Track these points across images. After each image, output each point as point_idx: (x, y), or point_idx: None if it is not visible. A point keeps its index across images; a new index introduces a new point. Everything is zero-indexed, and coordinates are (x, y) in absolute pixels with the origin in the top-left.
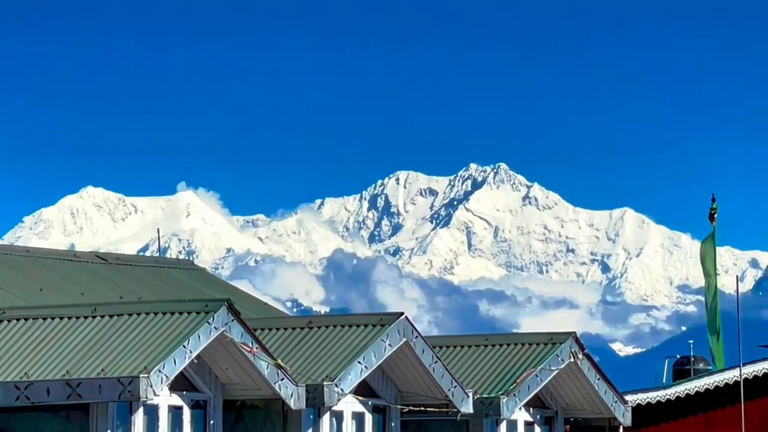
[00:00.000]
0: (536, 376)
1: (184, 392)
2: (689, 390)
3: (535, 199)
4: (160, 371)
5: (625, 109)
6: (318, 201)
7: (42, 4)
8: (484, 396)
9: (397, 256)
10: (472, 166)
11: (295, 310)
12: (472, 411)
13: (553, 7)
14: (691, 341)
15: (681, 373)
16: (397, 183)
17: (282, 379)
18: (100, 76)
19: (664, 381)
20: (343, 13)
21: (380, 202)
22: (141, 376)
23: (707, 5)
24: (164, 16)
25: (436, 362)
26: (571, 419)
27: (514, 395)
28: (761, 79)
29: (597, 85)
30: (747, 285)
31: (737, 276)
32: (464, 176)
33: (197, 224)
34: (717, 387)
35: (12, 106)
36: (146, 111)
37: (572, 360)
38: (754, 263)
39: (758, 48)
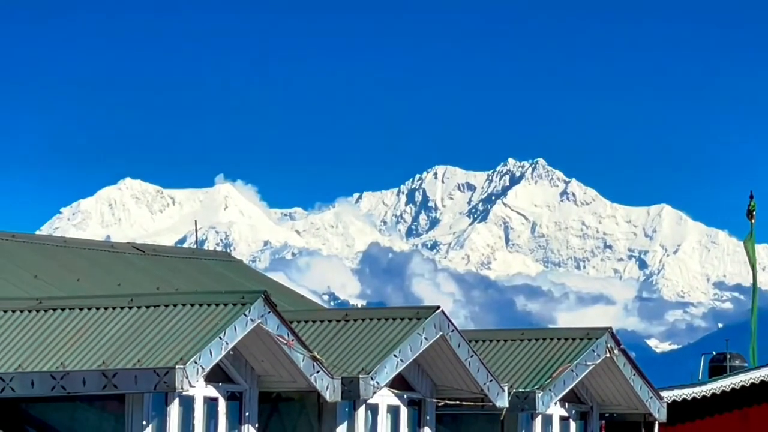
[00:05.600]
0: (572, 371)
1: (220, 384)
2: (725, 387)
3: (573, 195)
4: (196, 362)
5: (663, 105)
6: (356, 195)
7: (85, 1)
8: (520, 390)
9: (434, 251)
10: (510, 161)
11: (331, 303)
12: (507, 405)
13: (591, 3)
14: (727, 339)
15: (717, 369)
16: (435, 177)
17: (318, 372)
18: (141, 69)
19: (699, 377)
20: (379, 5)
21: (418, 197)
22: (177, 367)
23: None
24: (204, 9)
25: (471, 356)
26: (607, 414)
27: (550, 390)
28: None
29: (636, 82)
30: None
31: None
32: (502, 171)
33: (235, 217)
34: (753, 384)
35: (53, 99)
36: (186, 104)
37: (608, 355)
38: None
39: None
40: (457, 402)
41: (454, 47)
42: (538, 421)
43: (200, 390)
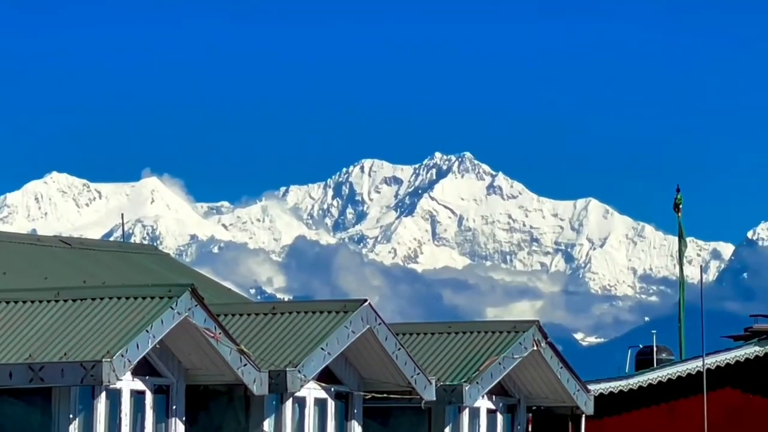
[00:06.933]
0: (499, 364)
1: (147, 377)
2: (652, 380)
3: (500, 189)
4: (123, 356)
5: (589, 98)
6: (282, 188)
7: None
8: (447, 383)
9: (361, 244)
10: (437, 154)
11: (258, 297)
12: (434, 398)
13: None
14: (654, 332)
15: (644, 363)
16: (362, 171)
17: (245, 365)
18: (66, 63)
19: (626, 371)
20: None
21: (345, 190)
22: (104, 360)
23: None
24: (130, 3)
25: (399, 349)
26: (534, 407)
27: (477, 383)
28: (725, 70)
29: (561, 76)
30: (710, 276)
31: (701, 266)
32: (429, 165)
33: (161, 210)
34: (680, 377)
35: None
36: (111, 98)
37: (535, 348)
38: (717, 254)
39: (723, 37)
40: (385, 395)
41: (381, 41)
42: (466, 414)
43: (127, 383)
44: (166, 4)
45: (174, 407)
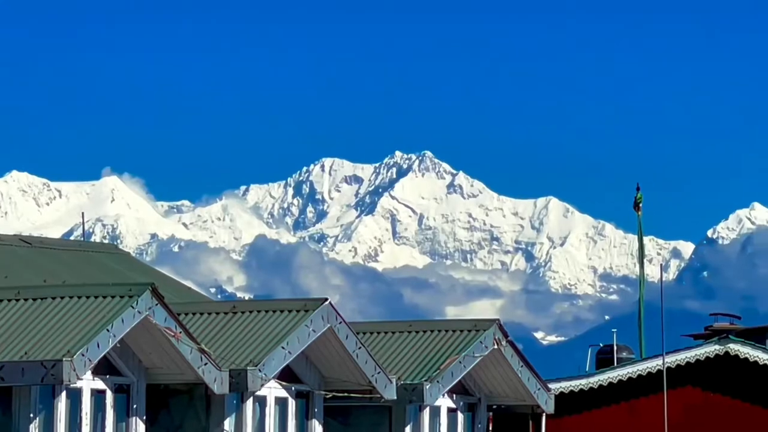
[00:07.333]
0: (460, 362)
1: (108, 376)
2: (612, 378)
3: (460, 187)
4: (83, 355)
5: (549, 98)
6: (243, 187)
7: None
8: (408, 382)
9: (322, 243)
10: (398, 153)
11: (218, 296)
12: (395, 397)
13: None
14: (614, 330)
15: (604, 361)
16: (322, 170)
17: (205, 364)
18: (26, 60)
19: (587, 369)
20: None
21: (305, 189)
22: (64, 359)
23: None
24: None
25: (359, 348)
26: (495, 406)
27: (438, 382)
28: (686, 70)
29: (522, 75)
30: (670, 275)
31: (661, 265)
32: (389, 164)
33: (121, 209)
34: (640, 376)
35: None
36: (72, 96)
37: (496, 347)
38: (677, 253)
39: (683, 35)
40: (345, 394)
41: (341, 40)
42: (426, 412)
43: (87, 383)
44: (123, 3)
45: (134, 406)
